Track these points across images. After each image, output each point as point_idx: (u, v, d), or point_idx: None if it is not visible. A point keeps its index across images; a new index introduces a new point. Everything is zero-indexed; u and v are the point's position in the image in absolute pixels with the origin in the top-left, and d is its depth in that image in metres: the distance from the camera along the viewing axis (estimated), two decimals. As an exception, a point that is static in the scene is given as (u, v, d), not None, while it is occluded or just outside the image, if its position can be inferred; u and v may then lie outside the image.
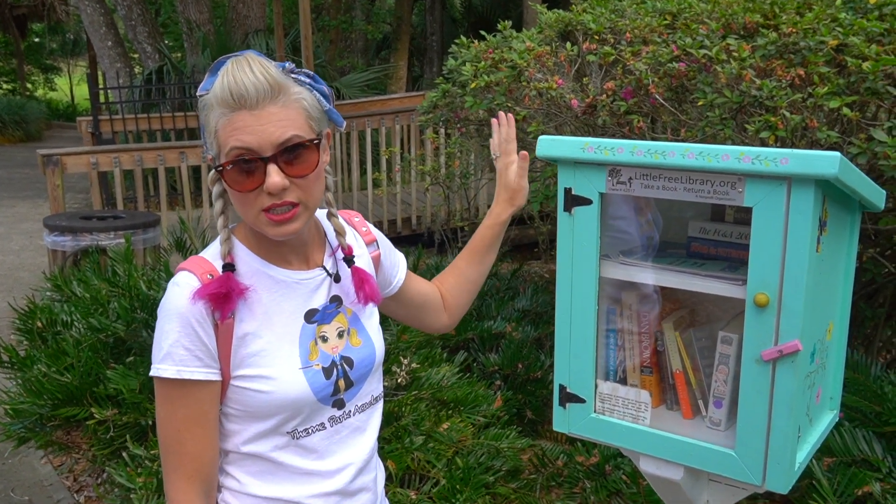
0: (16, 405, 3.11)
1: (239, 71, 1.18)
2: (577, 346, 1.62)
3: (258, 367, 1.27)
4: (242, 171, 1.21)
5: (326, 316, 1.36)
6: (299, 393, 1.29)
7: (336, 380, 1.34)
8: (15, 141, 17.24)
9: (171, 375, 1.24)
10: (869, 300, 3.69)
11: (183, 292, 1.24)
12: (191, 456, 1.27)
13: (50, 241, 5.05)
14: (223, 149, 1.22)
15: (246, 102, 1.18)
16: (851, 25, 2.60)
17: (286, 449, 1.32)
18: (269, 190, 1.20)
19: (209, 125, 1.23)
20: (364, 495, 1.43)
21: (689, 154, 1.39)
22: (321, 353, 1.33)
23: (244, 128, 1.19)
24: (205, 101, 1.24)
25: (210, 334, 1.25)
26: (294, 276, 1.34)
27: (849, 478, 2.57)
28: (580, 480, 3.22)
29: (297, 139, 1.22)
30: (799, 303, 1.34)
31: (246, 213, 1.26)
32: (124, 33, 12.29)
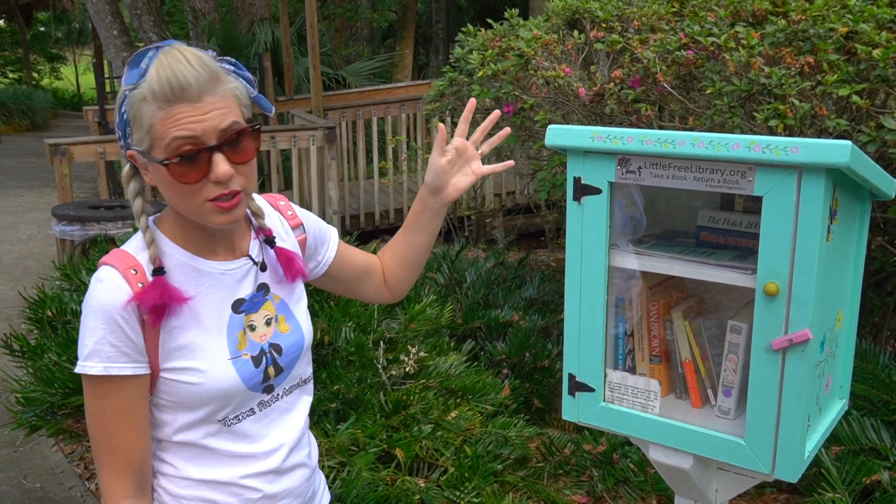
0: (27, 394, 3.13)
1: (176, 63, 1.16)
2: (586, 336, 1.62)
3: (187, 360, 1.27)
4: (188, 163, 1.19)
5: (254, 305, 1.36)
6: (230, 384, 1.30)
7: (265, 367, 1.35)
8: (22, 130, 17.26)
9: (99, 373, 1.23)
10: (877, 288, 3.68)
11: (107, 288, 1.23)
12: (121, 449, 1.28)
13: (58, 231, 5.07)
14: (161, 142, 1.18)
15: (187, 95, 1.16)
16: (861, 12, 2.59)
17: (218, 435, 1.33)
18: (219, 178, 1.20)
19: (140, 119, 1.19)
20: (299, 471, 1.44)
21: (699, 143, 1.38)
22: (249, 343, 1.34)
23: (187, 119, 1.17)
24: (133, 95, 1.19)
25: (136, 330, 1.24)
26: (220, 268, 1.33)
27: (857, 466, 2.58)
28: (588, 469, 3.23)
29: (238, 126, 1.22)
30: (809, 292, 1.34)
31: (188, 205, 1.24)
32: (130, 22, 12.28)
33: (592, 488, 3.17)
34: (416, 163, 7.52)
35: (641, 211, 1.72)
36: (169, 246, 1.30)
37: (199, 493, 1.34)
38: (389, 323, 3.41)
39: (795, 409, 1.39)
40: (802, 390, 1.38)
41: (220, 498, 1.35)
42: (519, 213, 7.37)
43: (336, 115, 7.66)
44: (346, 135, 7.87)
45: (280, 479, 1.40)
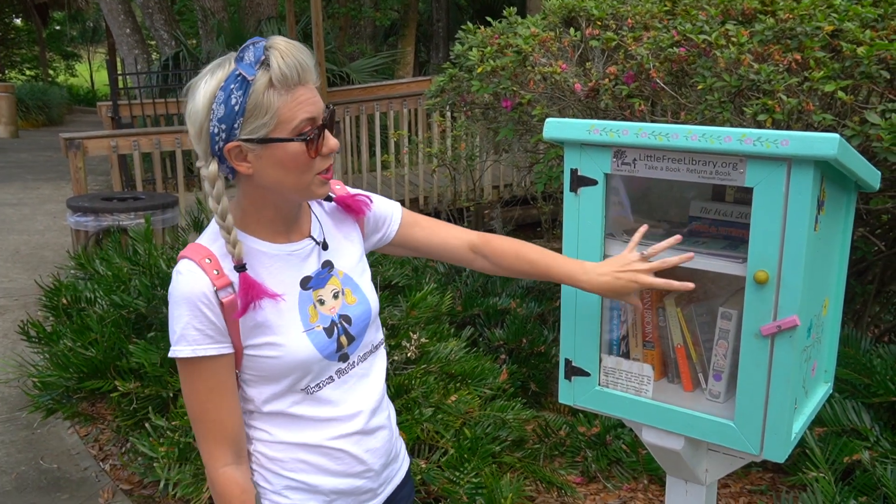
0: (43, 378, 3.13)
1: (296, 52, 1.25)
2: (581, 322, 1.62)
3: (266, 336, 1.34)
4: (313, 139, 1.28)
5: (320, 281, 1.42)
6: (306, 354, 1.35)
7: (338, 337, 1.40)
8: (38, 125, 17.21)
9: (187, 355, 1.31)
10: (859, 277, 3.68)
11: (186, 278, 1.30)
12: (216, 423, 1.35)
13: (73, 222, 5.05)
14: (290, 122, 1.26)
15: (305, 78, 1.26)
16: (846, 11, 2.57)
17: (303, 403, 1.39)
18: (332, 150, 1.30)
19: (264, 105, 1.24)
20: (381, 433, 1.49)
21: (692, 136, 1.38)
22: (320, 316, 1.39)
23: (307, 100, 1.26)
24: (258, 84, 1.23)
25: (217, 313, 1.30)
26: (285, 249, 1.38)
27: (839, 447, 2.58)
28: (582, 450, 3.24)
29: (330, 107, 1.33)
30: (797, 280, 1.34)
31: (301, 181, 1.30)
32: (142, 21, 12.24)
33: (586, 468, 3.17)
34: (416, 156, 7.50)
35: (628, 210, 1.71)
36: (238, 235, 1.35)
37: (294, 454, 1.41)
38: (392, 310, 3.40)
39: (783, 393, 1.39)
40: (790, 374, 1.38)
41: (314, 459, 1.41)
42: (516, 205, 7.36)
43: (340, 109, 7.64)
44: (350, 129, 7.85)
45: (365, 440, 1.45)
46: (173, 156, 6.90)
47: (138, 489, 3.26)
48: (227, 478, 1.36)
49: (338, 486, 1.43)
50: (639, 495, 3.10)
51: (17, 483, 3.36)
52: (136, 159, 6.26)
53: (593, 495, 3.11)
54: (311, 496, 1.42)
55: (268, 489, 1.42)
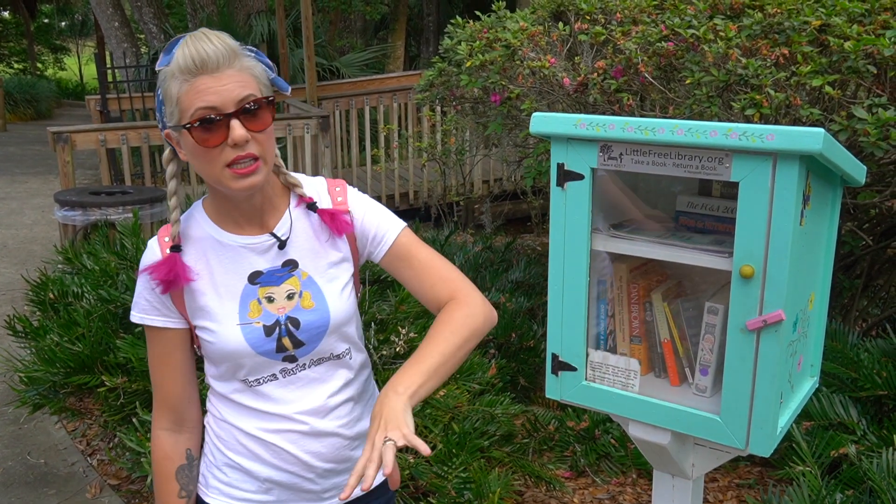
0: (30, 373, 3.11)
1: (198, 41, 1.25)
2: (568, 317, 1.61)
3: (205, 321, 1.39)
4: (208, 127, 1.26)
5: (275, 279, 1.40)
6: (236, 346, 1.37)
7: (279, 337, 1.39)
8: (26, 119, 17.12)
9: (137, 321, 1.42)
10: (847, 271, 3.69)
11: (146, 253, 1.40)
12: (160, 389, 1.45)
13: (61, 216, 5.02)
14: (187, 111, 1.26)
15: (207, 67, 1.24)
16: (834, 6, 2.58)
17: (244, 393, 1.43)
18: (235, 141, 1.25)
19: (170, 94, 1.28)
20: (331, 439, 1.46)
21: (678, 130, 1.37)
22: (264, 312, 1.38)
23: (207, 90, 1.25)
24: (164, 73, 1.29)
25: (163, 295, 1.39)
26: (240, 241, 1.40)
27: (826, 441, 2.59)
28: (571, 444, 3.24)
29: (254, 97, 1.28)
30: (783, 274, 1.33)
31: (210, 171, 1.30)
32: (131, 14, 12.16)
33: (575, 463, 3.18)
34: (406, 150, 7.49)
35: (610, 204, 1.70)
36: (203, 219, 1.41)
37: (234, 436, 1.45)
38: (381, 305, 3.39)
39: (769, 387, 1.39)
40: (776, 369, 1.38)
41: (250, 445, 1.44)
42: (506, 200, 7.36)
43: (330, 104, 7.62)
44: (340, 123, 7.83)
45: (306, 441, 1.44)
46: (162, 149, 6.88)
47: (126, 484, 3.25)
48: (158, 441, 1.47)
49: (272, 476, 1.45)
50: (627, 489, 3.11)
51: (4, 478, 3.35)
52: (124, 153, 6.23)
53: (582, 490, 3.11)
54: (247, 478, 1.46)
55: (212, 462, 1.49)
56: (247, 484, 1.46)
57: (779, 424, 1.46)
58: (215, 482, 1.48)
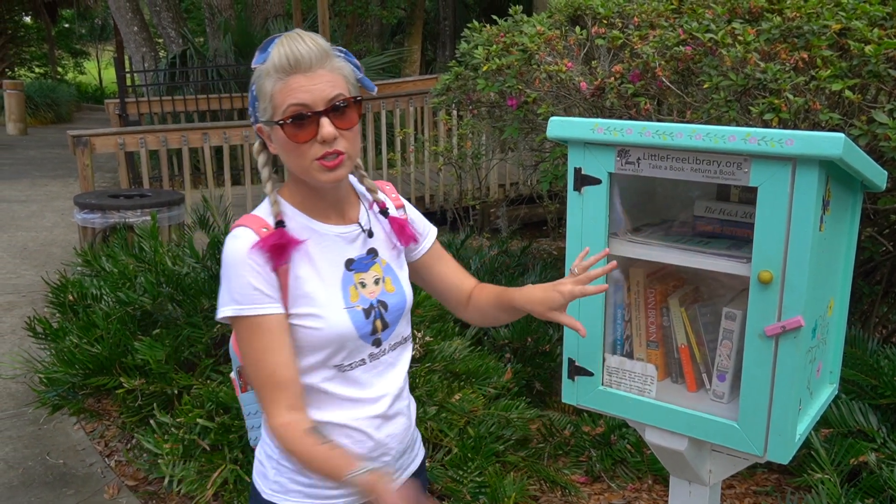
0: (49, 374, 3.14)
1: (293, 42, 1.31)
2: (585, 322, 1.61)
3: (309, 307, 1.39)
4: (299, 124, 1.32)
5: (364, 265, 1.48)
6: (344, 329, 1.41)
7: (374, 320, 1.46)
8: (47, 123, 17.27)
9: (247, 314, 1.36)
10: (867, 277, 3.66)
11: (243, 243, 1.36)
12: (275, 377, 1.38)
13: (80, 219, 5.06)
14: (280, 108, 1.32)
15: (301, 66, 1.30)
16: (854, 9, 2.56)
17: (334, 380, 1.44)
18: (324, 138, 1.32)
19: (264, 91, 1.34)
20: (400, 419, 1.54)
21: (696, 135, 1.37)
22: (361, 297, 1.45)
23: (300, 88, 1.31)
24: (259, 71, 1.35)
25: (271, 275, 1.36)
26: (334, 230, 1.45)
27: (846, 448, 2.56)
28: (586, 449, 3.23)
29: (343, 97, 1.34)
30: (802, 280, 1.33)
31: (299, 164, 1.36)
32: (149, 19, 12.26)
33: (591, 468, 3.16)
34: (422, 154, 7.50)
35: (620, 212, 1.70)
36: (291, 210, 1.43)
37: None
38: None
39: (787, 394, 1.38)
40: (794, 375, 1.37)
41: (336, 437, 1.45)
42: (522, 204, 7.35)
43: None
44: (356, 127, 7.84)
45: (385, 425, 1.50)
46: (180, 153, 6.92)
47: (143, 485, 3.27)
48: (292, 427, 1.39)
49: None
50: (643, 495, 3.09)
51: (24, 478, 3.37)
52: (142, 157, 6.27)
53: (597, 495, 3.10)
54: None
55: (288, 468, 1.47)
56: (328, 482, 1.46)
57: (797, 431, 1.45)
58: (295, 486, 1.47)
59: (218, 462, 2.64)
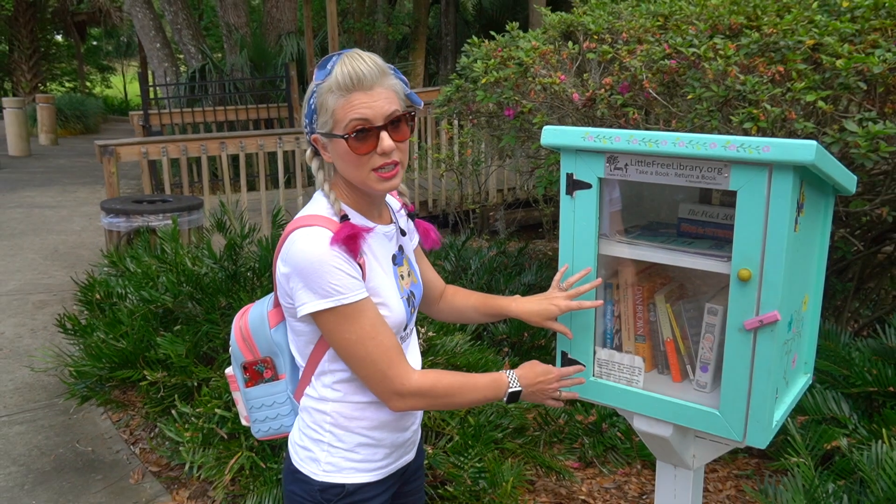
0: (78, 367, 3.14)
1: (355, 61, 1.33)
2: (577, 317, 1.61)
3: (379, 297, 1.42)
4: (361, 137, 1.35)
5: (400, 260, 1.54)
6: (402, 316, 1.47)
7: (410, 307, 1.53)
8: (76, 133, 17.30)
9: (347, 301, 1.35)
10: (839, 275, 3.66)
11: (322, 240, 1.35)
12: (389, 349, 1.40)
13: (106, 223, 5.07)
14: (342, 122, 1.34)
15: (362, 85, 1.33)
16: (826, 26, 2.56)
17: None
18: (385, 151, 1.35)
19: (326, 106, 1.35)
20: None
21: (679, 142, 1.37)
22: (404, 288, 1.51)
23: (361, 104, 1.33)
24: (321, 87, 1.36)
25: (355, 265, 1.38)
26: (382, 228, 1.49)
27: (819, 434, 2.56)
28: (579, 437, 3.23)
29: (399, 112, 1.37)
30: (778, 277, 1.33)
31: (358, 173, 1.38)
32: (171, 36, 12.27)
33: (583, 454, 3.17)
34: (426, 161, 7.50)
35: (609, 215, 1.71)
36: (346, 209, 1.45)
37: (367, 413, 1.48)
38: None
39: (765, 383, 1.38)
40: (771, 366, 1.37)
41: (381, 416, 1.49)
42: (519, 207, 7.35)
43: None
44: (364, 137, 7.84)
45: None
46: (199, 161, 6.93)
47: (166, 471, 3.27)
48: (427, 376, 1.42)
49: (396, 439, 1.53)
50: (632, 479, 3.09)
51: (56, 464, 3.38)
52: (164, 165, 6.28)
53: (590, 479, 3.10)
54: (377, 449, 1.50)
55: (340, 448, 1.48)
56: (377, 454, 1.50)
57: (774, 418, 1.45)
58: (349, 463, 1.49)
59: (235, 449, 2.64)
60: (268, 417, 1.64)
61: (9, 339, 4.86)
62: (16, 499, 3.10)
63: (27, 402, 3.96)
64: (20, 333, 4.95)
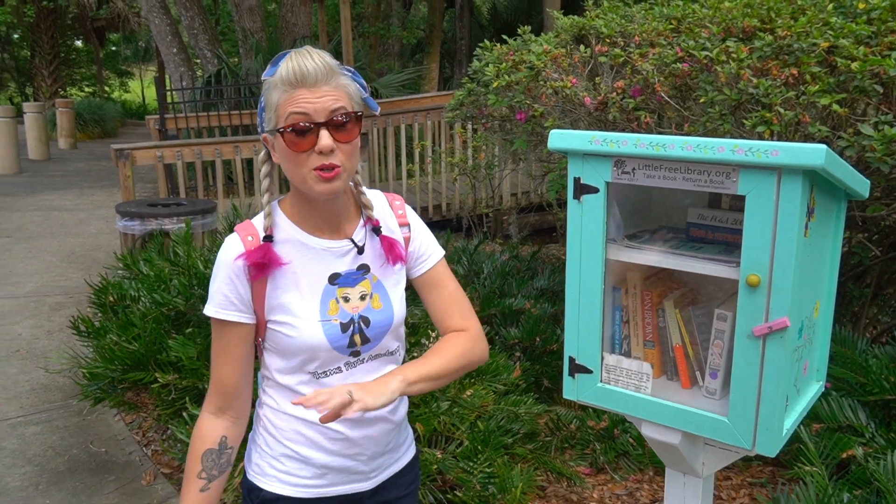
0: (91, 369, 3.16)
1: (302, 57, 1.30)
2: (584, 322, 1.60)
3: (285, 316, 1.39)
4: (299, 133, 1.30)
5: (351, 280, 1.44)
6: (316, 341, 1.39)
7: (352, 335, 1.43)
8: (94, 137, 17.47)
9: (211, 314, 1.40)
10: (857, 281, 3.61)
11: (227, 248, 1.38)
12: (217, 376, 1.43)
13: (121, 226, 5.10)
14: (282, 117, 1.31)
15: (306, 81, 1.29)
16: (842, 29, 2.53)
17: (309, 384, 1.43)
18: (322, 149, 1.30)
19: (271, 101, 1.33)
20: (380, 425, 1.51)
21: (687, 146, 1.35)
22: (341, 311, 1.42)
23: (303, 99, 1.30)
24: (269, 83, 1.34)
25: (245, 286, 1.37)
26: (322, 244, 1.42)
27: (833, 442, 2.53)
28: (591, 442, 3.20)
29: (344, 110, 1.32)
30: (788, 283, 1.31)
31: (297, 173, 1.34)
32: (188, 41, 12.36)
33: (595, 460, 3.14)
34: (439, 165, 7.50)
35: (619, 220, 1.69)
36: (285, 221, 1.42)
37: (294, 426, 1.46)
38: (413, 309, 3.39)
39: (774, 391, 1.36)
40: (781, 373, 1.35)
41: (311, 434, 1.45)
42: (533, 211, 7.33)
43: (368, 122, 7.65)
44: (378, 140, 7.87)
45: (361, 428, 1.48)
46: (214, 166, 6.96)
47: (177, 473, 3.29)
48: (200, 423, 1.46)
49: (328, 462, 1.47)
50: (644, 486, 3.07)
51: (70, 464, 3.40)
52: (179, 168, 6.32)
53: (601, 486, 3.08)
54: (304, 466, 1.46)
55: (267, 453, 1.48)
56: (303, 471, 1.46)
57: (784, 426, 1.43)
58: (272, 471, 1.48)
59: (241, 451, 2.64)
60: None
61: (26, 340, 4.91)
62: (30, 498, 3.12)
63: (43, 403, 3.99)
64: (37, 335, 4.99)
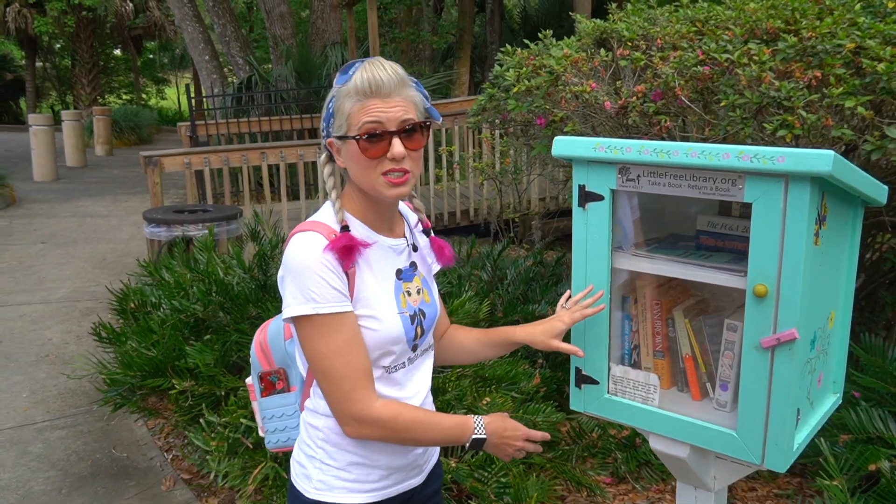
0: (111, 375, 3.19)
1: (375, 68, 1.35)
2: (590, 332, 1.57)
3: (369, 309, 1.40)
4: (373, 140, 1.35)
5: (409, 276, 1.51)
6: (397, 332, 1.43)
7: (416, 326, 1.48)
8: (130, 144, 17.78)
9: (326, 311, 1.34)
10: (890, 287, 3.51)
11: (315, 246, 1.35)
12: (358, 370, 1.38)
13: (148, 232, 5.17)
14: (356, 125, 1.35)
15: (380, 91, 1.34)
16: (869, 29, 2.46)
17: (380, 380, 1.44)
18: (395, 156, 1.35)
19: (343, 109, 1.37)
20: None
21: (692, 153, 1.32)
22: (408, 304, 1.48)
23: (376, 109, 1.34)
24: (340, 91, 1.38)
25: (343, 276, 1.36)
26: (388, 242, 1.48)
27: (858, 453, 2.45)
28: (612, 452, 3.16)
29: (413, 121, 1.38)
30: (796, 293, 1.26)
31: (368, 178, 1.38)
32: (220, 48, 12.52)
33: (616, 469, 3.09)
34: (467, 170, 7.48)
35: (628, 227, 1.65)
36: (351, 218, 1.44)
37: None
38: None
39: (784, 404, 1.32)
40: (790, 386, 1.30)
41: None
42: (559, 217, 7.27)
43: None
44: (406, 145, 7.86)
45: None
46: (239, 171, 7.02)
47: (196, 479, 3.30)
48: (388, 406, 1.40)
49: (394, 461, 1.48)
50: (667, 496, 3.01)
51: (93, 469, 3.44)
52: (206, 175, 6.39)
53: (622, 496, 3.02)
54: (372, 470, 1.47)
55: (332, 466, 1.46)
56: (371, 475, 1.47)
57: (796, 441, 1.39)
58: (340, 482, 1.46)
59: (259, 459, 2.64)
60: (277, 429, 1.65)
61: (55, 345, 4.99)
62: (52, 503, 3.16)
63: (69, 408, 4.05)
64: (66, 340, 5.08)
